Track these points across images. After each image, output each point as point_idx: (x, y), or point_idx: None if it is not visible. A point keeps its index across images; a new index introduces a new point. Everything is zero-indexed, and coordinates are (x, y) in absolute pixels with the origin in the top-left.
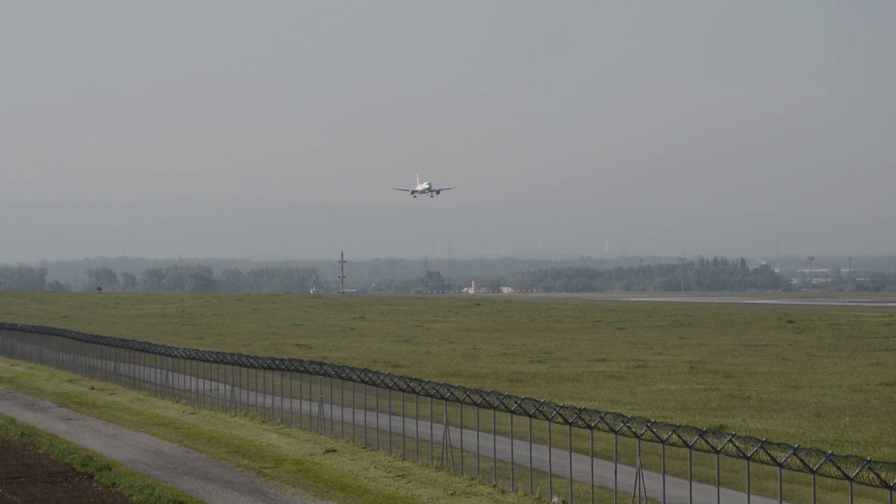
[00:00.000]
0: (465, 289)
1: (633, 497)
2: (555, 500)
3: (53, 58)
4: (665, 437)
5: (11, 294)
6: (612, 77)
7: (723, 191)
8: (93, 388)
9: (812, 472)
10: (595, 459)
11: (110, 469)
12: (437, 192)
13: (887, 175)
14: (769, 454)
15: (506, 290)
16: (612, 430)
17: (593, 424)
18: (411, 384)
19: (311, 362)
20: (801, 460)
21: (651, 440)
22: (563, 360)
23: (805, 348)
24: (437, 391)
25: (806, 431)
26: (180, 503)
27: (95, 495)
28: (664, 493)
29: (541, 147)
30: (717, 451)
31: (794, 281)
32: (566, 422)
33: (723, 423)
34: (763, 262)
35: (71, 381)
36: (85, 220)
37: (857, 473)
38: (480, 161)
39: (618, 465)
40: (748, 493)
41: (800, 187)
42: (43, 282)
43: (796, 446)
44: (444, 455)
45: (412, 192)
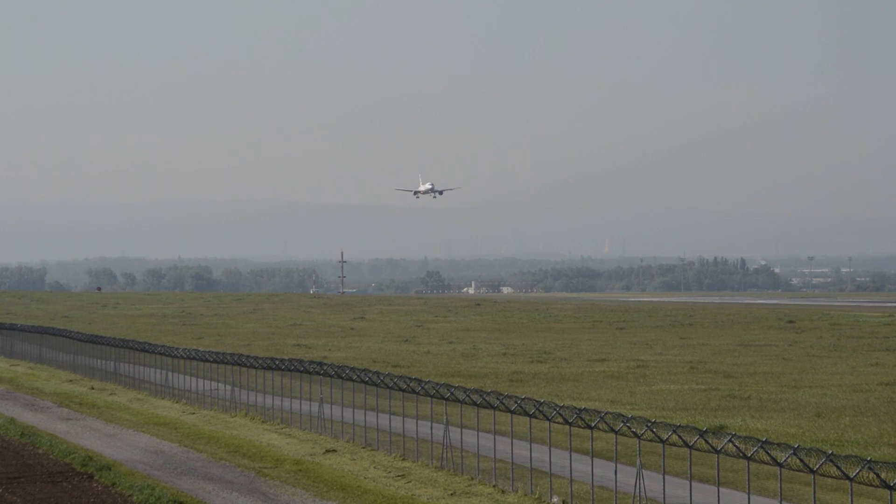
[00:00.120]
0: (465, 289)
1: (633, 497)
2: (555, 500)
3: (54, 58)
4: (665, 437)
5: (11, 294)
6: (612, 77)
7: (723, 191)
8: (93, 388)
9: (812, 472)
10: (595, 459)
11: (110, 469)
12: (440, 193)
13: (887, 175)
14: (769, 454)
15: (506, 290)
16: (612, 430)
17: (593, 424)
18: (411, 384)
19: (311, 362)
20: (801, 460)
21: (651, 440)
22: (563, 360)
23: (805, 348)
24: (437, 391)
25: (806, 431)
26: (180, 503)
27: (95, 495)
28: (664, 493)
29: (541, 147)
30: (717, 451)
31: (794, 281)
32: (566, 422)
33: (723, 423)
34: (763, 262)
35: (71, 381)
36: (85, 220)
37: (857, 473)
38: (480, 161)
39: (618, 465)
40: (748, 493)
41: (800, 187)
42: (43, 282)
43: (796, 446)
44: (444, 455)
45: (415, 193)
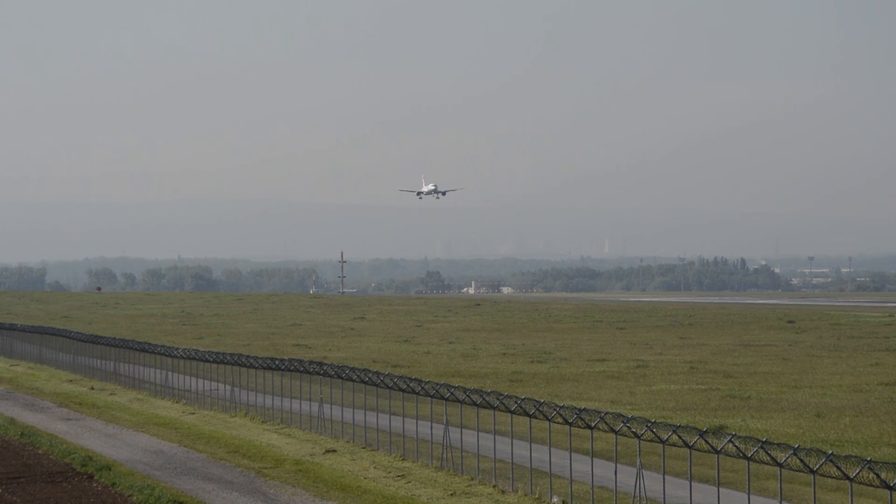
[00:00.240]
0: (465, 289)
1: (633, 497)
2: (555, 500)
3: (54, 58)
4: (665, 437)
5: (11, 294)
6: (612, 77)
7: (723, 191)
8: (92, 389)
9: (812, 472)
10: (595, 459)
11: (110, 469)
12: (444, 194)
13: (887, 175)
14: (769, 454)
15: (506, 290)
16: (612, 431)
17: (593, 424)
18: (411, 384)
19: (311, 362)
20: (801, 460)
21: (651, 440)
22: (563, 360)
23: (805, 348)
24: (437, 391)
25: (806, 431)
26: (180, 503)
27: (95, 495)
28: (664, 494)
29: (541, 147)
30: (717, 452)
31: (794, 281)
32: (566, 422)
33: (723, 423)
34: (763, 262)
35: (71, 381)
36: (85, 220)
37: (857, 473)
38: (481, 161)
39: (618, 465)
40: (748, 494)
41: (800, 187)
42: (43, 282)
43: (796, 446)
44: (444, 455)
45: (418, 194)
